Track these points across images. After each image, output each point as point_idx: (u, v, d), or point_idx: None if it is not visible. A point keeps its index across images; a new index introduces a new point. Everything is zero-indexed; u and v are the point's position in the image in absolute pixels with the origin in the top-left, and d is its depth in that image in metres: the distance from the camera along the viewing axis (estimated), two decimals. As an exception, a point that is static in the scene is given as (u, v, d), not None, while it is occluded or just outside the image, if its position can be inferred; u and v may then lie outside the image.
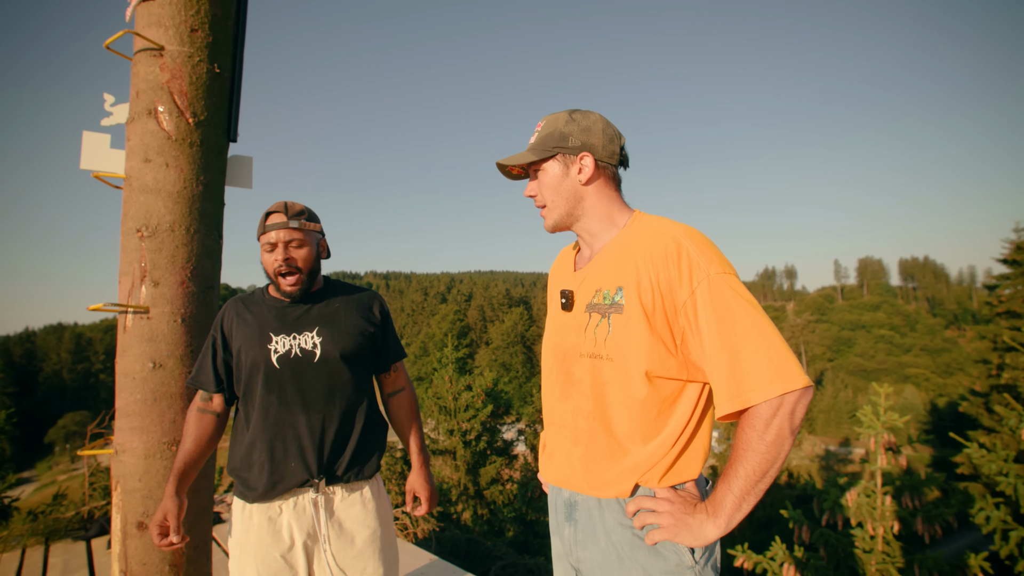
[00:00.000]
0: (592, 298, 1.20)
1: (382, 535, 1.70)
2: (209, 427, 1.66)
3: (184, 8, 2.36)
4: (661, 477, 1.12)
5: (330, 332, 1.65)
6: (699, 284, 1.05)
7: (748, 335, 1.01)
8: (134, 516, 2.19)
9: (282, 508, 1.60)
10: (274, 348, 1.59)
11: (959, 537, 14.18)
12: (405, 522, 4.39)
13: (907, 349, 72.62)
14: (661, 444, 1.12)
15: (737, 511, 1.04)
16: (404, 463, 9.31)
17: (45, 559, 3.84)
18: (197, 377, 1.66)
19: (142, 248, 2.26)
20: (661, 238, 1.13)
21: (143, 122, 2.33)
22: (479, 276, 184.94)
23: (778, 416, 0.99)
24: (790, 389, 0.98)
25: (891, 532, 4.61)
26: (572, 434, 1.20)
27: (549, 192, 1.26)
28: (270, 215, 1.61)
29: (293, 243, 1.61)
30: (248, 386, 1.62)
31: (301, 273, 1.62)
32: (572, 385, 1.21)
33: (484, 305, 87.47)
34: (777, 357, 0.99)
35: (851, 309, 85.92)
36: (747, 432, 1.02)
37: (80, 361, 78.39)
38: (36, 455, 58.10)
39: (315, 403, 1.60)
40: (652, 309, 1.09)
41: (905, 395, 46.99)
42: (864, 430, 4.95)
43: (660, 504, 1.10)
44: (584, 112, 1.25)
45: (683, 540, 1.07)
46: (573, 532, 1.21)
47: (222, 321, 1.67)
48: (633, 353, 1.10)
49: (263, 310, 1.66)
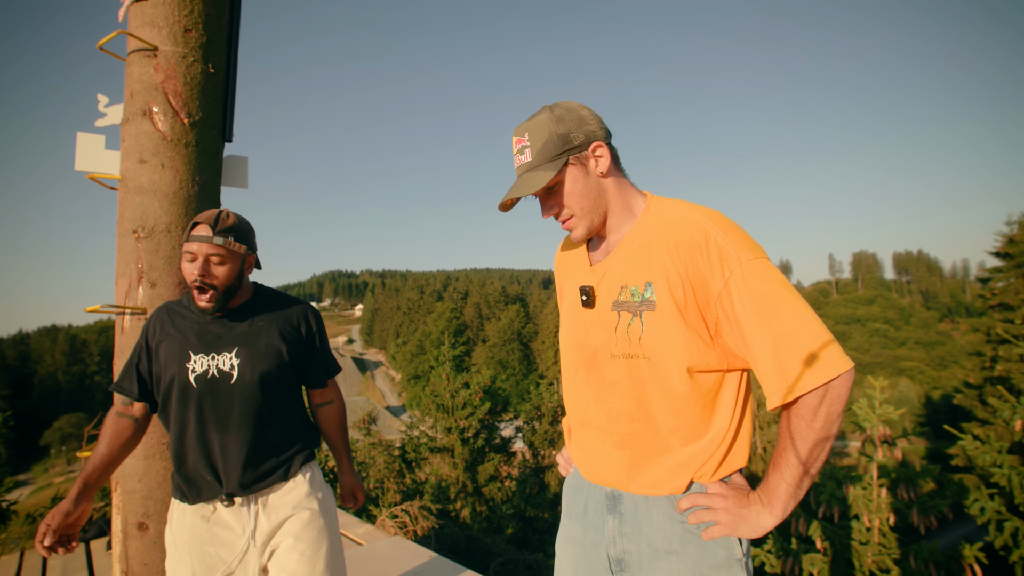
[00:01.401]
0: (618, 295, 1.14)
1: (321, 518, 1.67)
2: (126, 431, 1.61)
3: (177, 8, 2.35)
4: (715, 471, 1.09)
5: (249, 353, 1.60)
6: (732, 274, 1.01)
7: (788, 323, 0.98)
8: (134, 517, 2.19)
9: (216, 507, 1.59)
10: (192, 367, 1.55)
11: (954, 528, 14.28)
12: (404, 520, 4.40)
13: (902, 342, 72.97)
14: (712, 438, 1.09)
15: (792, 499, 1.02)
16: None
17: (44, 561, 3.84)
18: (120, 383, 1.61)
19: (139, 249, 2.26)
20: (686, 227, 1.07)
21: (138, 123, 2.32)
22: (475, 274, 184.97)
23: (825, 402, 0.98)
24: (836, 375, 0.97)
25: (887, 524, 4.65)
26: (615, 438, 1.15)
27: (576, 200, 1.15)
28: (197, 225, 1.54)
29: (214, 259, 1.53)
30: (165, 401, 1.59)
31: (216, 291, 1.55)
32: (607, 387, 1.16)
33: (480, 303, 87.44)
34: (819, 343, 0.97)
35: (846, 303, 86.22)
36: (795, 421, 1.01)
37: (75, 363, 77.96)
38: (32, 458, 57.81)
39: (231, 424, 1.57)
40: (684, 303, 1.05)
41: (900, 388, 47.26)
42: (860, 423, 4.99)
43: (715, 500, 1.07)
44: (561, 104, 1.16)
45: (742, 533, 1.05)
46: (618, 524, 1.16)
47: (148, 331, 1.63)
48: (671, 351, 1.06)
49: (185, 325, 1.61)
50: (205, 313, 1.58)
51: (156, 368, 1.59)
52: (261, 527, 1.59)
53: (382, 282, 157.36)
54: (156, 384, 1.60)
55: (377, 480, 9.12)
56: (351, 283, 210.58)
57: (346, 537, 3.87)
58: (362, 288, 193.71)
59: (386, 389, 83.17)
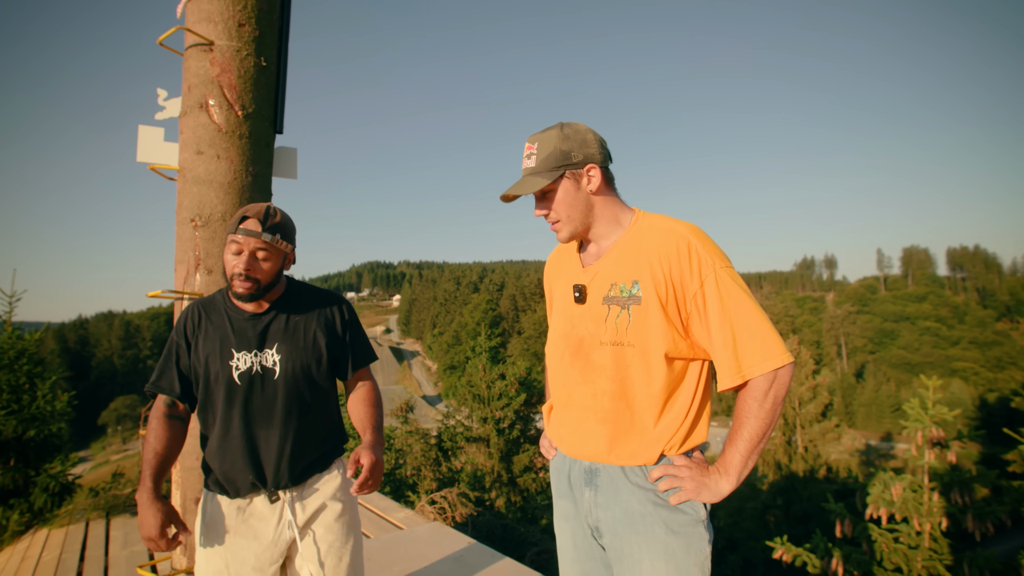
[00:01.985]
0: (608, 291, 1.33)
1: (349, 512, 1.73)
2: (177, 432, 1.61)
3: (232, 3, 2.42)
4: (680, 445, 1.30)
5: (290, 349, 1.63)
6: (707, 277, 1.22)
7: (746, 320, 1.20)
8: (192, 493, 2.30)
9: (251, 498, 1.61)
10: (235, 365, 1.58)
11: (1014, 536, 13.62)
12: (443, 506, 4.47)
13: (955, 342, 69.66)
14: (676, 416, 1.29)
15: (744, 468, 1.24)
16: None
17: (107, 532, 4.07)
18: (158, 383, 1.61)
19: (196, 237, 2.35)
20: (671, 236, 1.28)
21: (195, 115, 2.40)
22: (511, 266, 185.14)
23: (774, 387, 1.20)
24: (782, 364, 1.19)
25: (939, 528, 4.46)
26: (598, 414, 1.33)
27: (564, 208, 1.35)
28: (247, 219, 1.55)
29: (260, 254, 1.55)
30: (209, 398, 1.60)
31: (258, 284, 1.57)
32: (593, 370, 1.33)
33: (516, 295, 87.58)
34: (769, 339, 1.20)
35: (895, 300, 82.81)
36: (748, 402, 1.22)
37: (129, 347, 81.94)
38: (90, 436, 61.14)
39: (274, 419, 1.60)
40: (666, 299, 1.25)
41: (952, 389, 45.14)
42: (911, 424, 4.78)
43: (680, 470, 1.27)
44: (572, 125, 1.35)
45: (703, 498, 1.25)
46: (594, 495, 1.35)
47: (185, 327, 1.64)
48: (653, 339, 1.25)
49: (224, 322, 1.63)
50: (238, 298, 1.58)
51: (196, 365, 1.61)
52: (295, 518, 1.63)
53: (419, 273, 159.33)
54: (195, 381, 1.62)
55: (414, 467, 9.29)
56: (389, 274, 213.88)
57: (386, 521, 3.96)
58: (400, 279, 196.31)
59: (422, 378, 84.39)
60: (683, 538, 1.26)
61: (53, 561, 3.61)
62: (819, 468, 17.97)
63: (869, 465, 29.91)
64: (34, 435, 5.22)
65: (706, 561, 1.27)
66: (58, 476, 5.10)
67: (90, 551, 3.73)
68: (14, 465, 5.10)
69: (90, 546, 3.82)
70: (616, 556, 1.32)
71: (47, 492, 4.92)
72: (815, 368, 19.31)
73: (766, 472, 19.03)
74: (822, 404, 18.38)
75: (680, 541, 1.26)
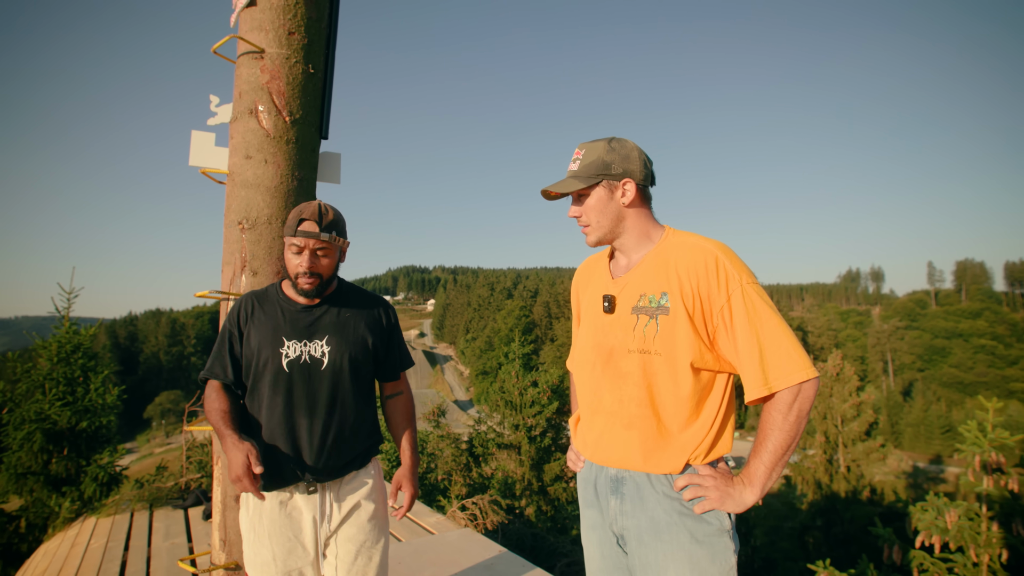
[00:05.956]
0: (637, 302, 1.37)
1: (381, 513, 1.77)
2: (235, 398, 1.67)
3: (283, 12, 2.48)
4: (706, 455, 1.32)
5: (339, 341, 1.70)
6: (734, 292, 1.26)
7: (772, 334, 1.24)
8: (233, 490, 2.34)
9: (292, 492, 1.66)
10: (285, 352, 1.65)
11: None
12: (474, 512, 4.45)
13: (1012, 361, 66.01)
14: (702, 426, 1.31)
15: (768, 480, 1.25)
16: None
17: (150, 523, 4.20)
18: (212, 368, 1.68)
19: (243, 239, 2.41)
20: (700, 252, 1.32)
21: (245, 121, 2.47)
22: (545, 272, 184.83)
23: (798, 400, 1.22)
24: (807, 378, 1.21)
25: (998, 561, 4.20)
26: (624, 420, 1.36)
27: (594, 214, 1.42)
28: (304, 221, 1.62)
29: (320, 251, 1.64)
30: (256, 384, 1.66)
31: (321, 279, 1.67)
32: (621, 377, 1.37)
33: (550, 302, 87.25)
34: (795, 353, 1.22)
35: (946, 316, 79.10)
36: (773, 414, 1.24)
37: (175, 344, 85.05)
38: (136, 428, 63.64)
39: (319, 408, 1.65)
40: (693, 311, 1.29)
41: (1009, 412, 42.76)
42: (967, 447, 4.53)
43: (705, 480, 1.29)
44: (621, 140, 1.41)
45: (728, 508, 1.27)
46: (619, 504, 1.36)
47: (238, 317, 1.71)
48: (680, 348, 1.29)
49: (277, 312, 1.70)
50: (303, 295, 1.68)
51: (247, 352, 1.68)
52: (333, 515, 1.68)
53: (454, 278, 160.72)
54: (246, 368, 1.68)
55: (445, 472, 9.32)
56: (424, 278, 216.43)
57: (417, 525, 3.97)
58: (435, 283, 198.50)
59: (455, 383, 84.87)
60: (708, 548, 1.27)
61: (100, 549, 3.74)
62: (862, 489, 17.23)
63: (917, 488, 28.49)
64: (86, 426, 5.45)
65: (732, 572, 1.28)
66: (107, 467, 5.31)
67: (134, 540, 3.85)
68: (67, 454, 5.34)
69: (134, 536, 3.95)
70: (640, 564, 1.33)
71: (96, 482, 5.13)
72: (859, 384, 18.54)
73: (805, 491, 18.38)
74: (867, 422, 17.62)
75: (705, 551, 1.27)
